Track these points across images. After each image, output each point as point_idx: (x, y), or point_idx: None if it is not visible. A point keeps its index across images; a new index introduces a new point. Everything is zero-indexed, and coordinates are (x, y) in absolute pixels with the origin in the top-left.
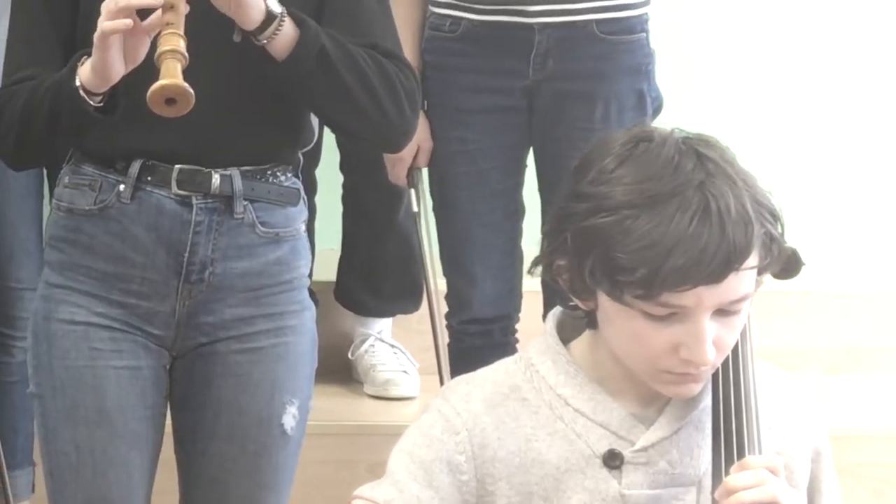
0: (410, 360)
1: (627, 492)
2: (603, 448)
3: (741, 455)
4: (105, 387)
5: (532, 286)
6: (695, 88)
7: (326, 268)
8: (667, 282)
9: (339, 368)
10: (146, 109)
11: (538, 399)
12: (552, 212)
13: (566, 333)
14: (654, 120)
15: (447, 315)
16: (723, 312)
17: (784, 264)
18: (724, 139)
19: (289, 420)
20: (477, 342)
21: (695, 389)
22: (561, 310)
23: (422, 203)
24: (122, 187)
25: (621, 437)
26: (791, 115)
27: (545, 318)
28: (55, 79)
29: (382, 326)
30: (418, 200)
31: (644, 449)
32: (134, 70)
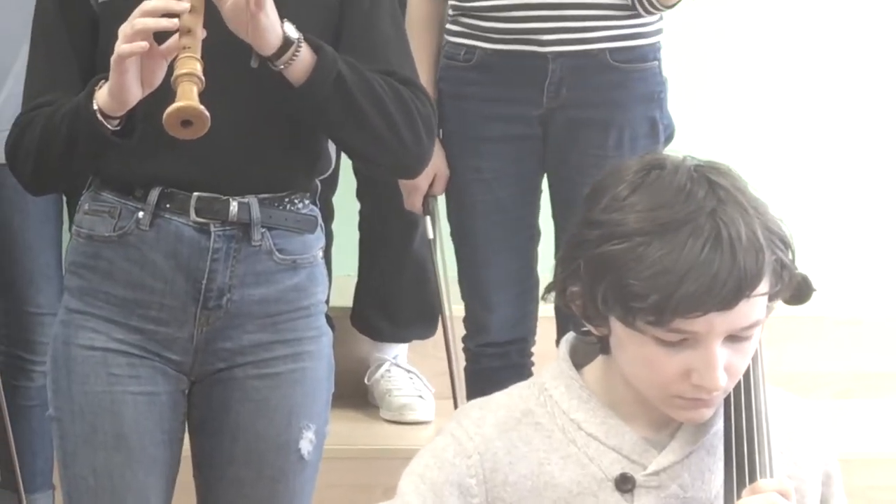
0: (426, 385)
1: None
2: (615, 472)
3: (753, 479)
4: (123, 412)
5: (546, 312)
6: (705, 116)
7: (343, 294)
8: (679, 308)
9: (356, 393)
10: (164, 135)
11: (551, 423)
12: (565, 238)
13: (579, 359)
14: (666, 147)
15: (464, 338)
16: (734, 338)
17: (795, 290)
18: (735, 166)
19: (306, 445)
20: (494, 364)
21: (706, 414)
22: (574, 335)
23: (437, 230)
24: (142, 214)
25: (633, 461)
26: (801, 143)
27: (558, 344)
28: (73, 103)
29: (398, 351)
30: (434, 227)
31: (656, 473)
32: (151, 94)
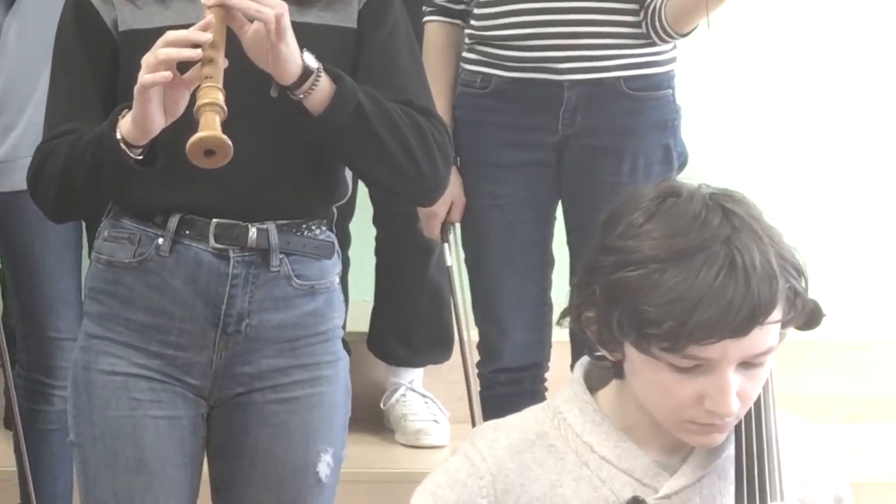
0: (441, 410)
1: None
2: (627, 494)
3: (763, 503)
4: (144, 436)
5: (560, 337)
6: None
7: (359, 319)
8: (693, 335)
9: (372, 417)
10: (185, 163)
11: (565, 446)
12: (581, 264)
13: (593, 383)
14: (680, 174)
15: (478, 364)
16: (747, 365)
17: (807, 316)
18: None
19: (323, 468)
20: (506, 390)
21: (718, 439)
22: (588, 360)
23: (454, 256)
24: (161, 241)
25: (645, 485)
26: (813, 170)
27: (573, 368)
28: (96, 132)
29: (414, 376)
30: (452, 254)
31: (667, 496)
32: (173, 123)
